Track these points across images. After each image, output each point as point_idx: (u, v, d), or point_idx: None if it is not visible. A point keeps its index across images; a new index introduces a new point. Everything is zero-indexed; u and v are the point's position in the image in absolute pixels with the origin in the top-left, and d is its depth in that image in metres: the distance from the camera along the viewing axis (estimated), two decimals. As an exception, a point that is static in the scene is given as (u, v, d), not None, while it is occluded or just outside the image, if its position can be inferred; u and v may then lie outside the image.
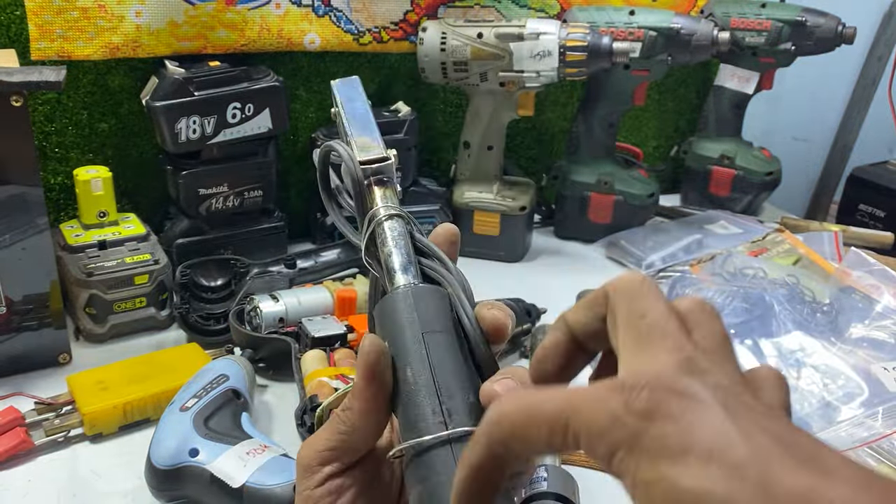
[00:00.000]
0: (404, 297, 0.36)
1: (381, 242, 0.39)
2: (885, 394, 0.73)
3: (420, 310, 0.36)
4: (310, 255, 0.95)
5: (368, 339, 0.35)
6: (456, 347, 0.35)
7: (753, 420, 0.23)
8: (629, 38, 1.06)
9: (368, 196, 0.41)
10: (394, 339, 0.35)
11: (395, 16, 1.08)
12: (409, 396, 0.34)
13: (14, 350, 0.77)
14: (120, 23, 0.91)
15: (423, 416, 0.33)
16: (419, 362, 0.34)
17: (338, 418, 0.36)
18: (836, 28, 1.14)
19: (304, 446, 0.37)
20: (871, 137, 1.56)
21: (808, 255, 1.01)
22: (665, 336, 0.25)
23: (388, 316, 0.36)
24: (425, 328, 0.35)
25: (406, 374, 0.34)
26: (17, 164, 0.71)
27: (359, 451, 0.36)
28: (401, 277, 0.38)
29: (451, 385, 0.34)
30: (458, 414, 0.33)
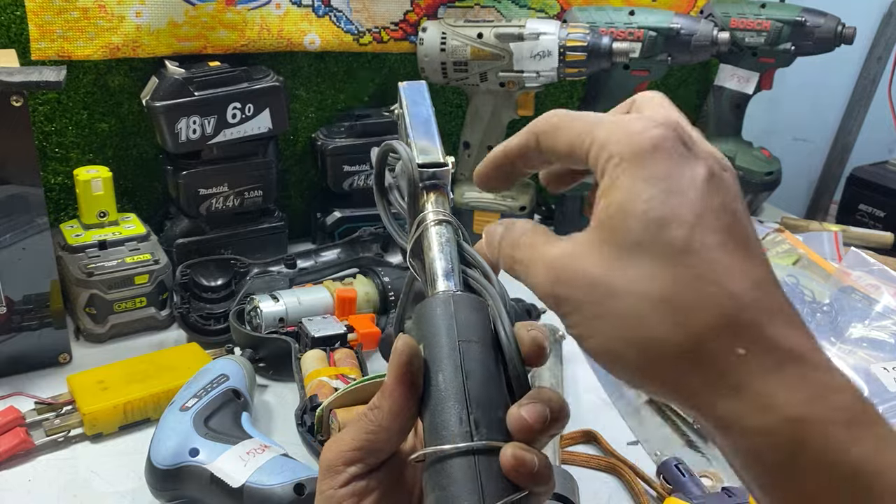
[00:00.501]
0: (444, 303, 0.36)
1: (427, 246, 0.39)
2: (885, 394, 0.73)
3: (459, 318, 0.35)
4: (310, 255, 0.95)
5: (402, 340, 0.34)
6: (491, 360, 0.34)
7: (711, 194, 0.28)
8: (629, 38, 1.06)
9: (421, 199, 0.41)
10: (429, 343, 0.35)
11: (395, 16, 1.08)
12: (438, 402, 0.33)
13: (14, 350, 0.77)
14: (120, 23, 0.91)
15: (449, 423, 0.33)
16: (452, 369, 0.34)
17: (365, 418, 0.35)
18: (835, 28, 1.14)
19: (329, 446, 0.36)
20: (870, 137, 1.56)
21: (807, 255, 1.01)
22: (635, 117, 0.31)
23: (425, 319, 0.36)
24: (462, 336, 0.34)
25: (437, 379, 0.34)
26: (17, 163, 0.71)
27: (385, 452, 0.36)
28: (442, 283, 0.37)
29: (482, 397, 0.33)
30: (484, 426, 0.32)
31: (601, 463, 0.70)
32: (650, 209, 0.28)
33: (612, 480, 0.69)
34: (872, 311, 0.85)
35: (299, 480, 0.59)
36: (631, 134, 0.29)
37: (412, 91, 0.46)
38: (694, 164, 0.29)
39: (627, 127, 0.29)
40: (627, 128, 0.29)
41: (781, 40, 1.17)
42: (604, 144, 0.30)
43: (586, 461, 0.70)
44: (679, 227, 0.27)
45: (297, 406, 0.71)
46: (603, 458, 0.71)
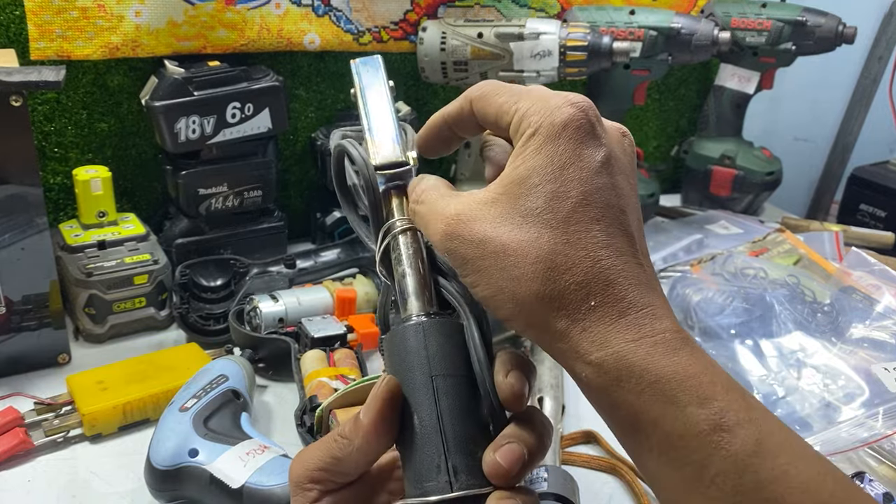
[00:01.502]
0: (415, 333, 0.34)
1: (395, 259, 0.37)
2: (886, 394, 0.73)
3: (431, 348, 0.34)
4: (309, 255, 0.95)
5: (386, 383, 0.34)
6: (467, 394, 0.33)
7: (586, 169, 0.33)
8: (629, 37, 1.06)
9: (384, 205, 0.38)
10: (402, 379, 0.34)
11: (395, 15, 1.08)
12: (416, 445, 0.33)
13: (13, 350, 0.77)
14: (119, 22, 0.91)
15: (428, 471, 0.32)
16: (427, 410, 0.33)
17: (335, 444, 0.35)
18: (836, 28, 1.14)
19: (296, 461, 0.36)
20: (871, 137, 1.55)
21: (808, 255, 1.01)
22: None
23: (396, 353, 0.35)
24: (435, 370, 0.33)
25: (413, 421, 0.33)
26: (16, 163, 0.71)
27: (352, 476, 0.36)
28: (414, 304, 0.35)
29: (460, 438, 0.32)
30: (463, 472, 0.32)
31: (602, 463, 0.70)
32: (544, 183, 0.32)
33: (613, 481, 0.69)
34: (873, 311, 0.84)
35: (299, 481, 0.59)
36: (548, 109, 0.33)
37: (367, 70, 0.42)
38: (595, 146, 0.33)
39: (546, 102, 0.33)
40: (546, 103, 0.33)
41: (782, 40, 1.16)
42: (524, 115, 0.34)
43: (587, 461, 0.70)
44: (566, 201, 0.32)
45: (297, 406, 0.71)
46: (603, 458, 0.70)
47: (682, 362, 0.31)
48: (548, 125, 0.33)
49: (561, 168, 0.32)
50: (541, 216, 0.32)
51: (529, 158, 0.33)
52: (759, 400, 0.33)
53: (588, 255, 0.32)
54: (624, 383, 0.31)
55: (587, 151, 0.33)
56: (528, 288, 0.32)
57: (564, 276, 0.31)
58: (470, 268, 0.33)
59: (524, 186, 0.33)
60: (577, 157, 0.32)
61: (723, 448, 0.30)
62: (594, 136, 0.33)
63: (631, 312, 0.32)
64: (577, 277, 0.31)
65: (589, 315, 0.31)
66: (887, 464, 0.66)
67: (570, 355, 0.32)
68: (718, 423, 0.30)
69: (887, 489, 0.60)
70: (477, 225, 0.33)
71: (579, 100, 0.34)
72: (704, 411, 0.30)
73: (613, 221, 0.33)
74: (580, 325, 0.31)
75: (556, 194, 0.32)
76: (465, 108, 0.37)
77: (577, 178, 0.32)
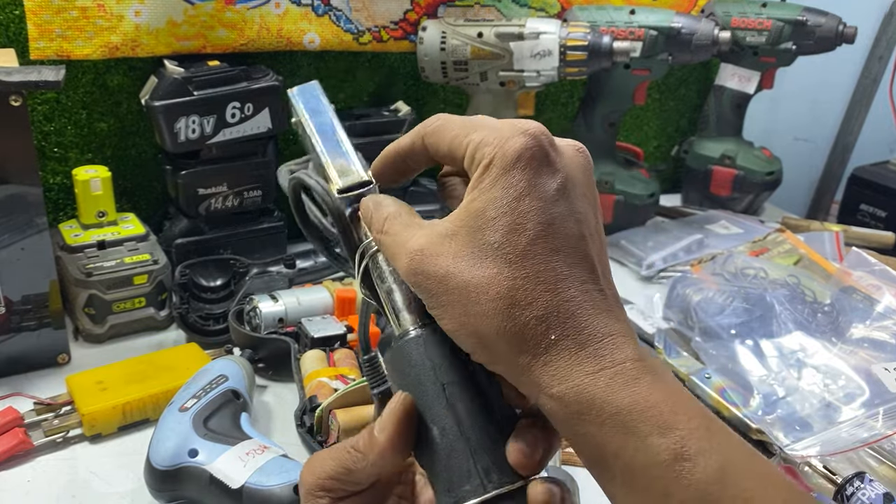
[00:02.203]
0: (416, 347, 0.34)
1: (377, 277, 0.37)
2: (886, 394, 0.73)
3: (435, 359, 0.34)
4: (309, 255, 0.95)
5: (401, 401, 0.34)
6: (476, 396, 0.34)
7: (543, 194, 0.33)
8: (630, 37, 1.06)
9: (354, 227, 0.38)
10: (414, 394, 0.34)
11: (395, 15, 1.08)
12: (441, 454, 0.33)
13: (13, 350, 0.77)
14: (119, 22, 0.91)
15: (459, 477, 0.32)
16: (446, 419, 0.33)
17: (349, 455, 0.35)
18: (836, 28, 1.14)
19: (308, 469, 0.36)
20: (872, 137, 1.55)
21: (809, 255, 1.01)
22: None
23: (402, 369, 0.35)
24: (444, 379, 0.33)
25: (433, 433, 0.33)
26: (16, 163, 0.71)
27: (361, 486, 0.36)
28: (406, 318, 0.35)
29: (481, 440, 0.33)
30: (494, 472, 0.32)
31: (602, 464, 0.70)
32: (500, 216, 0.32)
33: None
34: (873, 311, 0.84)
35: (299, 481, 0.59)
36: (500, 140, 0.33)
37: (307, 98, 0.42)
38: (550, 174, 0.33)
39: (499, 133, 0.33)
40: (499, 134, 0.33)
41: (782, 39, 1.16)
42: (477, 147, 0.33)
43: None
44: (523, 234, 0.32)
45: (297, 407, 0.71)
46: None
47: (642, 392, 0.31)
48: (501, 156, 0.32)
49: (517, 199, 0.32)
50: (499, 250, 0.32)
51: (485, 191, 0.32)
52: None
53: (547, 289, 0.32)
54: (584, 416, 0.31)
55: (542, 180, 0.32)
56: (490, 324, 0.32)
57: (525, 312, 0.31)
58: (434, 302, 0.33)
59: (481, 220, 0.32)
60: (532, 187, 0.32)
61: (684, 477, 0.29)
62: (548, 163, 0.33)
63: (591, 343, 0.31)
64: (538, 312, 0.31)
65: (550, 349, 0.31)
66: (887, 464, 0.66)
67: (533, 389, 0.32)
68: (679, 453, 0.29)
69: (887, 489, 0.60)
70: (440, 260, 0.33)
71: (531, 127, 0.33)
72: (665, 441, 0.30)
73: (573, 251, 0.33)
74: (541, 359, 0.31)
75: (513, 227, 0.32)
76: (418, 144, 0.37)
77: (533, 210, 0.32)
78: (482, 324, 0.32)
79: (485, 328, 0.32)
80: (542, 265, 0.32)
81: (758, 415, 0.70)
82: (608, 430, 0.30)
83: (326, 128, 0.40)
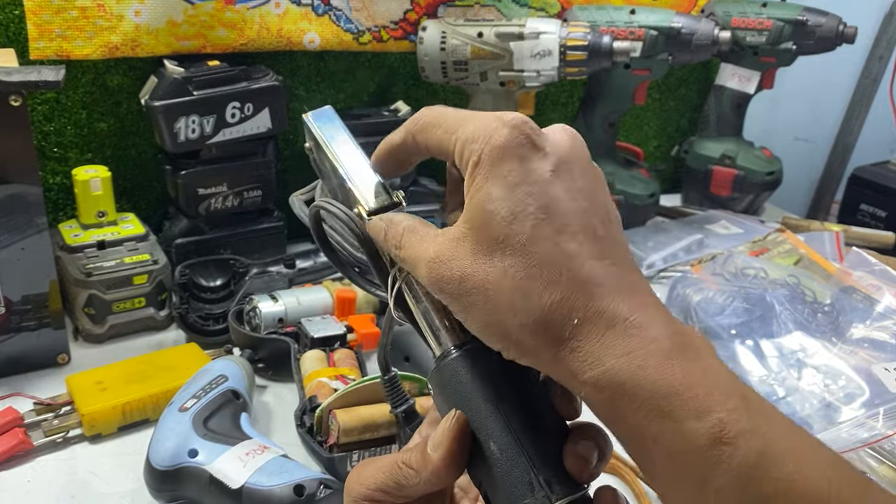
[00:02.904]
0: (464, 364, 0.34)
1: (412, 298, 0.37)
2: (886, 394, 0.73)
3: (484, 374, 0.34)
4: (309, 255, 0.95)
5: (456, 420, 0.33)
6: (528, 408, 0.33)
7: None
8: (630, 37, 1.06)
9: (383, 252, 0.37)
10: (467, 411, 0.34)
11: (395, 15, 1.08)
12: (500, 470, 0.32)
13: (13, 350, 0.77)
14: (119, 22, 0.91)
15: (522, 492, 0.32)
16: (502, 434, 0.33)
17: (400, 471, 0.34)
18: (836, 27, 1.14)
19: (356, 478, 0.36)
20: (872, 137, 1.55)
21: (809, 255, 1.01)
22: None
23: (452, 387, 0.34)
24: (496, 393, 0.33)
25: (490, 447, 0.33)
26: (15, 163, 0.71)
27: (409, 500, 0.35)
28: (447, 337, 0.35)
29: (539, 452, 0.32)
30: (556, 483, 0.32)
31: (602, 464, 0.70)
32: (499, 208, 0.32)
33: (614, 481, 0.69)
34: (874, 311, 0.84)
35: (299, 481, 0.59)
36: (485, 135, 0.33)
37: (324, 122, 0.41)
38: (540, 158, 0.32)
39: (483, 127, 0.33)
40: (483, 128, 0.33)
41: (783, 39, 1.16)
42: (465, 144, 0.33)
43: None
44: (525, 221, 0.31)
45: (297, 407, 0.71)
46: (603, 458, 0.70)
47: (676, 373, 0.30)
48: (489, 151, 0.32)
49: (511, 190, 0.32)
50: (505, 243, 0.31)
51: (480, 189, 0.32)
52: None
53: (560, 271, 0.31)
54: (619, 401, 0.30)
55: (533, 166, 0.32)
56: (511, 320, 0.31)
57: (542, 299, 0.31)
58: (458, 306, 0.33)
59: (483, 217, 0.32)
60: (525, 174, 0.32)
61: (723, 462, 0.29)
62: (536, 148, 0.32)
63: (617, 323, 0.30)
64: (555, 297, 0.31)
65: (576, 334, 0.31)
66: (888, 464, 0.66)
67: (566, 377, 0.31)
68: (718, 437, 0.29)
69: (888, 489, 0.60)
70: (455, 263, 0.32)
71: (512, 117, 0.33)
72: (703, 425, 0.29)
73: (579, 229, 0.32)
74: (568, 345, 0.31)
75: (514, 217, 0.31)
76: (409, 140, 0.37)
77: (530, 195, 0.32)
78: (504, 320, 0.31)
79: (508, 323, 0.31)
80: (550, 248, 0.31)
81: (758, 415, 0.69)
82: (644, 414, 0.30)
83: (347, 152, 0.40)
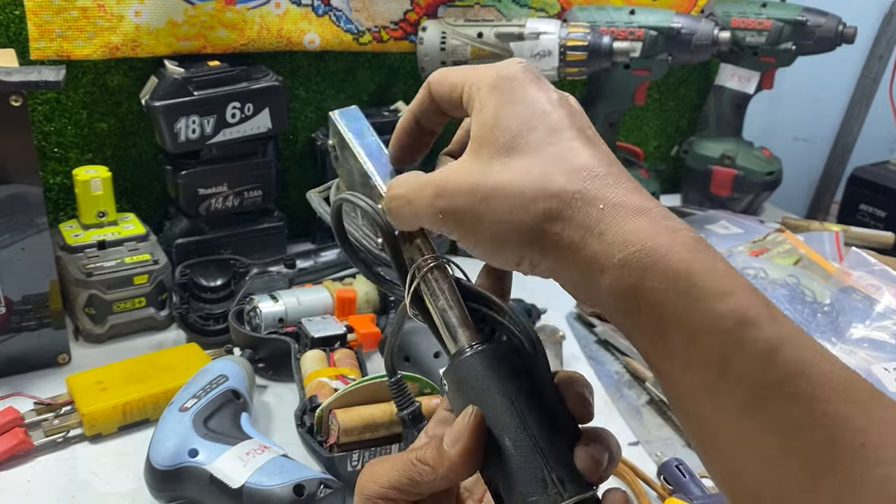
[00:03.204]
0: (482, 361, 0.35)
1: (430, 296, 0.37)
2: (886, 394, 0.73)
3: (503, 372, 0.34)
4: (309, 255, 0.95)
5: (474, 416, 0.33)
6: (542, 408, 0.34)
7: None
8: (629, 37, 1.06)
9: (405, 247, 0.38)
10: (483, 407, 0.34)
11: (395, 15, 1.08)
12: (514, 466, 0.33)
13: (13, 350, 0.77)
14: (119, 22, 0.91)
15: (535, 489, 0.32)
16: (518, 431, 0.33)
17: (415, 468, 0.35)
18: (836, 28, 1.14)
19: (369, 475, 0.36)
20: (871, 137, 1.55)
21: (808, 255, 1.01)
22: None
23: (469, 383, 0.35)
24: (513, 391, 0.34)
25: (505, 444, 0.33)
26: (16, 163, 0.71)
27: (422, 497, 0.36)
28: (464, 335, 0.36)
29: (552, 450, 0.33)
30: (568, 482, 0.32)
31: (602, 463, 0.70)
32: (518, 117, 0.34)
33: (613, 481, 0.69)
34: (873, 311, 0.84)
35: (299, 481, 0.59)
36: (495, 69, 0.36)
37: (351, 120, 0.42)
38: (546, 89, 0.35)
39: (492, 67, 0.36)
40: (492, 67, 0.36)
41: (782, 40, 1.16)
42: (474, 82, 0.36)
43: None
44: (542, 126, 0.34)
45: (297, 406, 0.71)
46: (603, 458, 0.70)
47: (702, 258, 0.31)
48: (501, 80, 0.35)
49: (528, 106, 0.34)
50: (524, 148, 0.33)
51: (493, 107, 0.34)
52: None
53: (581, 166, 0.32)
54: (648, 281, 0.30)
55: (542, 93, 0.35)
56: (533, 210, 0.32)
57: (565, 188, 0.32)
58: (467, 219, 0.34)
59: (499, 130, 0.34)
60: (537, 97, 0.34)
61: (746, 342, 0.29)
62: (542, 83, 0.35)
63: (643, 210, 0.32)
64: (577, 185, 0.32)
65: (602, 219, 0.31)
66: (887, 464, 0.66)
67: (593, 268, 0.31)
68: (742, 318, 0.29)
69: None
70: (465, 177, 0.34)
71: (519, 61, 0.36)
72: (726, 306, 0.30)
73: (590, 140, 0.34)
74: (595, 230, 0.31)
75: (531, 126, 0.34)
76: (425, 96, 0.39)
77: (545, 110, 0.34)
78: (525, 215, 0.32)
79: (528, 217, 0.32)
80: (568, 149, 0.33)
81: (758, 415, 0.70)
82: (672, 296, 0.30)
83: (373, 150, 0.41)
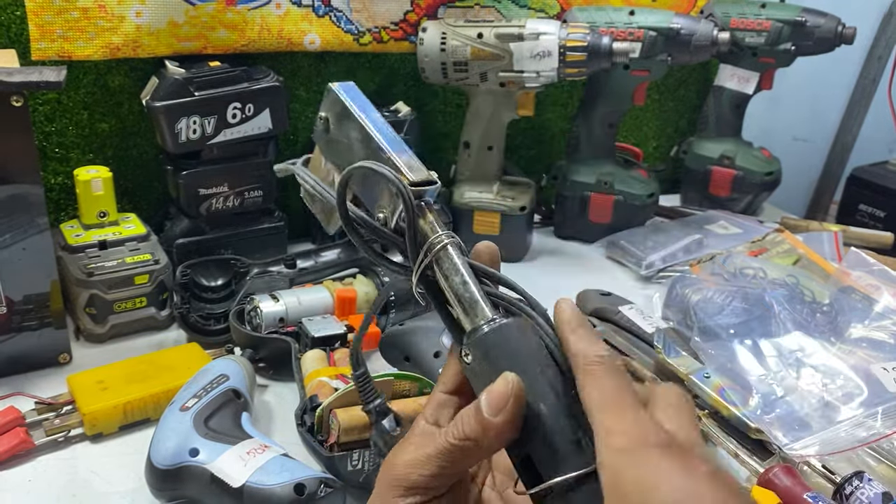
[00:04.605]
0: (514, 331, 0.35)
1: (444, 273, 0.37)
2: (885, 394, 0.73)
3: (533, 343, 0.35)
4: (310, 255, 0.95)
5: (517, 382, 0.34)
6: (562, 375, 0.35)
7: None
8: (629, 38, 1.06)
9: (422, 222, 0.37)
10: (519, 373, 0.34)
11: (395, 16, 1.08)
12: (549, 430, 0.33)
13: (14, 350, 0.77)
14: (120, 23, 0.91)
15: (569, 450, 0.33)
16: (551, 397, 0.33)
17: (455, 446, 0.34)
18: (835, 28, 1.14)
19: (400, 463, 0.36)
20: (870, 137, 1.56)
21: (807, 255, 1.01)
22: None
23: (502, 349, 0.35)
24: (541, 361, 0.34)
25: (540, 408, 0.33)
26: (17, 163, 0.71)
27: (455, 479, 0.36)
28: (484, 308, 0.36)
29: (580, 414, 0.33)
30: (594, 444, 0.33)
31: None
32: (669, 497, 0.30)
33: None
34: (872, 311, 0.85)
35: (299, 480, 0.59)
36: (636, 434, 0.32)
37: (352, 94, 0.41)
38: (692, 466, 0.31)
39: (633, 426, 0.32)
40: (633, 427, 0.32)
41: (781, 40, 1.17)
42: (609, 431, 0.32)
43: (586, 461, 0.70)
44: None
45: (298, 406, 0.71)
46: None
47: None
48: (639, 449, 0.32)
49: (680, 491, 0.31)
50: None
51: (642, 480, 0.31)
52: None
53: None
54: None
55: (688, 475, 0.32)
56: None
57: None
58: None
59: None
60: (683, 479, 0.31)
61: None
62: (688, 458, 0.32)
63: None
64: None
65: None
66: (886, 463, 0.66)
67: None
68: None
69: (886, 488, 0.60)
70: None
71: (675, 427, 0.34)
72: None
73: None
74: None
75: None
76: None
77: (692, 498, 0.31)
78: None
79: None
80: None
81: (757, 414, 0.70)
82: None
83: (380, 124, 0.39)
